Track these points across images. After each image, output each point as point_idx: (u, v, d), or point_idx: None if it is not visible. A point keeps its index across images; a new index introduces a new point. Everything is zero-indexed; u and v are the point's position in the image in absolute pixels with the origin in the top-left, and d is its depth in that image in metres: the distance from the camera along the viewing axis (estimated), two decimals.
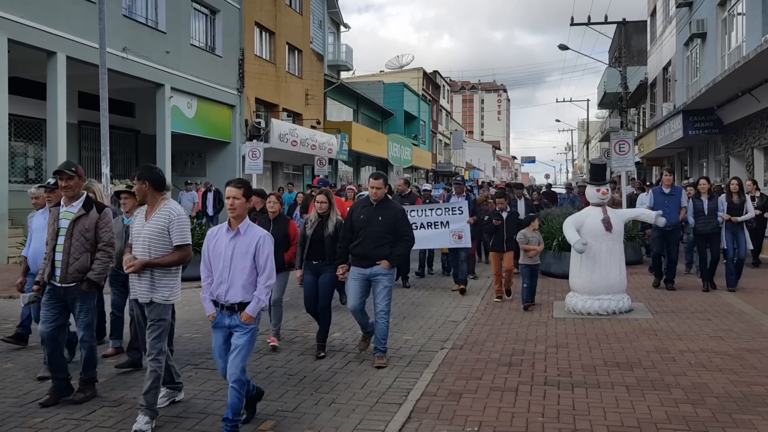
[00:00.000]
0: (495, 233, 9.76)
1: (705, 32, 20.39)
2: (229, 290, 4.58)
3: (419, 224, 10.49)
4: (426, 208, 10.96)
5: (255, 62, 24.56)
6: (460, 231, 10.61)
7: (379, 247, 6.34)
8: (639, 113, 36.85)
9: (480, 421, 4.83)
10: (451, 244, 10.73)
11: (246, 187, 4.67)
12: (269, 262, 4.60)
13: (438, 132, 57.00)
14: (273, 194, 7.57)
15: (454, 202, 11.19)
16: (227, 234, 4.67)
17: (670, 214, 10.00)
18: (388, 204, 6.58)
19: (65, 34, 15.24)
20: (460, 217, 10.66)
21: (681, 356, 6.52)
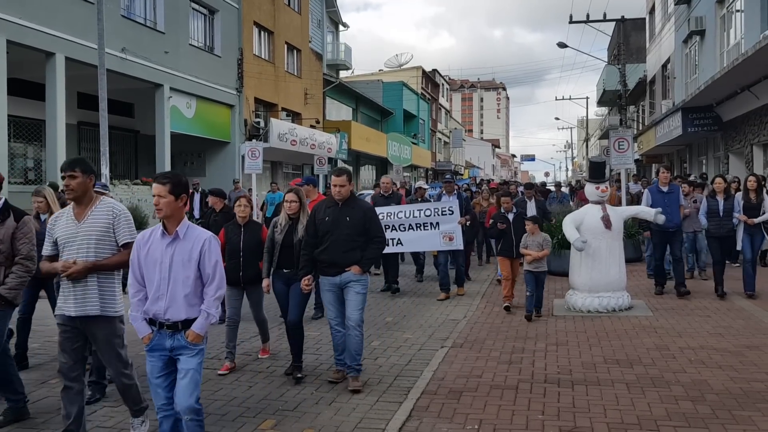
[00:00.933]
0: (503, 238, 9.07)
1: (704, 29, 20.39)
2: (169, 306, 3.83)
3: (407, 225, 9.91)
4: (414, 208, 10.17)
5: (254, 62, 24.56)
6: (451, 232, 9.87)
7: (348, 251, 5.62)
8: (638, 111, 36.85)
9: (480, 419, 4.84)
10: (442, 246, 10.02)
11: (174, 182, 3.84)
12: (218, 270, 3.89)
13: (437, 131, 56.99)
14: (243, 197, 6.64)
15: (444, 202, 10.33)
16: (163, 239, 3.87)
17: (671, 213, 9.37)
18: (356, 203, 5.87)
19: (64, 34, 15.25)
20: (450, 218, 9.91)
21: (681, 353, 6.53)
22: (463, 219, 10.04)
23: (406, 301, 9.93)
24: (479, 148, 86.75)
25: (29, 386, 5.44)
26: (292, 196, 6.14)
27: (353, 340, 5.66)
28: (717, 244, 9.43)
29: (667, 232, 9.53)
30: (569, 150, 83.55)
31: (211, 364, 6.42)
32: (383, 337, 7.60)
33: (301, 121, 28.34)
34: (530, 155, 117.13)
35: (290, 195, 6.18)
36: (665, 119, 23.05)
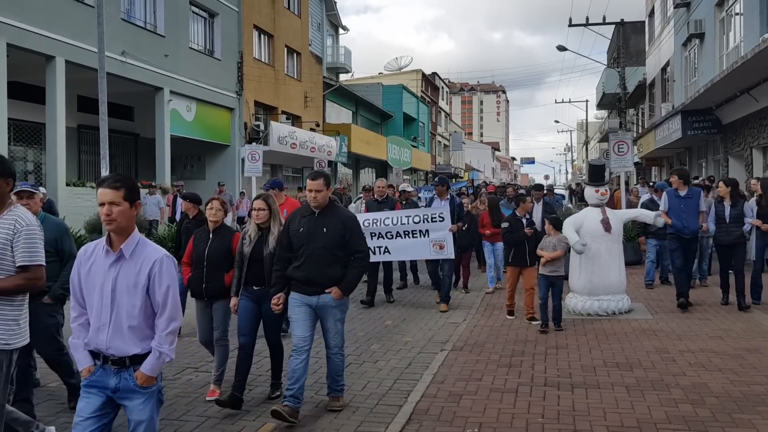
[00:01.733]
0: (516, 245, 8.35)
1: (703, 32, 20.41)
2: (112, 339, 3.12)
3: (395, 233, 9.26)
4: (402, 214, 9.47)
5: (254, 65, 24.59)
6: (442, 240, 9.13)
7: (326, 267, 4.94)
8: (638, 114, 36.88)
9: (480, 422, 4.83)
10: (432, 255, 9.34)
11: (129, 186, 3.15)
12: (170, 298, 3.16)
13: (437, 133, 57.03)
14: (215, 199, 5.79)
15: (434, 208, 9.61)
16: (106, 257, 3.16)
17: (687, 219, 8.78)
18: (335, 211, 5.12)
19: (64, 38, 15.27)
20: (441, 225, 9.16)
21: (680, 356, 6.52)
22: (455, 226, 9.29)
23: (406, 305, 9.93)
24: (479, 151, 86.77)
25: None
26: (260, 203, 5.37)
27: (335, 362, 5.16)
28: (724, 250, 8.93)
29: (682, 239, 8.86)
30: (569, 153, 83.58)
31: (210, 368, 6.41)
32: (383, 340, 7.59)
33: (301, 124, 28.36)
34: (530, 158, 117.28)
35: (258, 202, 5.41)
36: (665, 122, 23.08)
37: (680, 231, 8.79)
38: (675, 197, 8.98)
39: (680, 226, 8.80)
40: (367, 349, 7.14)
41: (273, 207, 5.42)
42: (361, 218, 9.08)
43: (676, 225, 8.83)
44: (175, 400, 5.45)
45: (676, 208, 8.87)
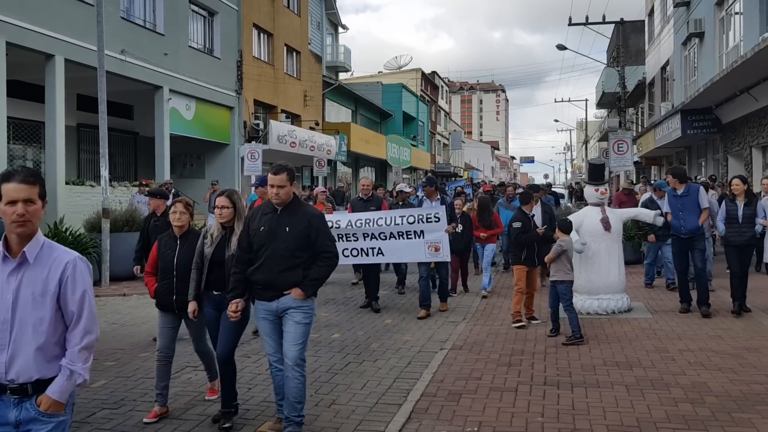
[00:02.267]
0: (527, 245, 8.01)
1: (703, 32, 20.41)
2: (13, 362, 2.64)
3: (388, 234, 8.82)
4: (396, 214, 9.03)
5: (253, 64, 24.57)
6: (437, 242, 8.73)
7: (288, 270, 4.47)
8: (637, 113, 36.89)
9: (480, 421, 4.84)
10: (427, 257, 8.87)
11: (41, 182, 2.76)
12: (87, 306, 2.73)
13: (437, 132, 57.02)
14: (180, 200, 5.33)
15: (430, 208, 9.35)
16: (4, 264, 2.69)
17: (685, 219, 8.47)
18: (299, 208, 4.61)
19: (63, 36, 15.25)
20: (437, 226, 8.71)
21: (680, 355, 6.53)
22: (451, 227, 9.02)
23: (405, 304, 9.93)
24: (478, 150, 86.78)
25: None
26: (224, 201, 4.94)
27: (291, 383, 4.48)
28: (735, 254, 8.30)
29: (682, 239, 8.56)
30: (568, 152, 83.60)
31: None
32: (382, 339, 7.60)
33: (300, 123, 28.34)
34: (529, 157, 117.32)
35: (221, 199, 4.97)
36: (664, 121, 23.08)
37: (677, 230, 8.60)
38: (673, 197, 8.78)
39: (677, 225, 8.60)
40: (366, 348, 7.15)
41: (238, 204, 4.99)
42: (352, 218, 9.10)
43: (673, 224, 8.69)
44: (174, 398, 5.44)
45: (674, 208, 8.68)
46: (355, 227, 8.89)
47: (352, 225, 8.91)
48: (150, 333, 7.93)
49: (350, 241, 8.91)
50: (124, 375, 6.16)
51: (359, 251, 8.97)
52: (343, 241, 8.71)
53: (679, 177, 8.80)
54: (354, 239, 8.92)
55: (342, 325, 8.40)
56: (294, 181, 4.63)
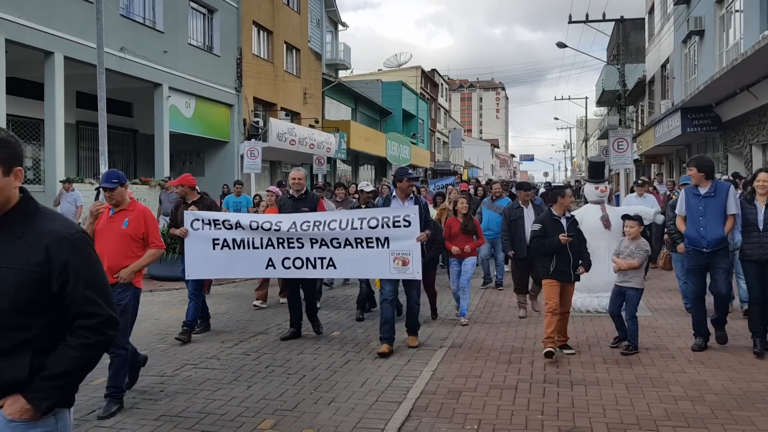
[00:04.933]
0: (557, 254, 6.51)
1: (703, 29, 20.39)
2: None
3: (343, 240, 6.93)
4: (355, 216, 7.04)
5: (253, 61, 24.54)
6: (406, 253, 6.72)
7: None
8: (637, 111, 36.88)
9: (479, 419, 4.83)
10: (392, 272, 6.80)
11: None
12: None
13: (436, 130, 56.98)
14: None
15: (398, 208, 6.94)
16: None
17: (708, 226, 6.51)
18: (30, 228, 2.27)
19: (63, 34, 15.22)
20: (406, 232, 6.73)
21: (680, 353, 6.53)
22: (424, 234, 6.82)
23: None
24: (478, 148, 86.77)
25: None
26: None
27: None
28: (755, 272, 6.46)
29: (701, 254, 6.62)
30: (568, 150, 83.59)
31: (210, 364, 6.42)
32: None
33: (300, 121, 28.32)
34: (529, 155, 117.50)
35: None
36: (664, 119, 23.06)
37: (695, 243, 6.62)
38: (693, 196, 6.75)
39: (695, 235, 6.62)
40: (366, 346, 7.14)
41: None
42: (297, 219, 7.04)
43: (690, 235, 6.69)
44: (175, 396, 5.44)
45: (694, 211, 6.69)
46: (300, 230, 6.98)
47: (297, 228, 6.99)
48: (150, 330, 7.93)
49: (293, 248, 7.06)
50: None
51: (304, 262, 7.04)
52: (284, 248, 7.07)
53: (706, 171, 6.72)
54: (298, 245, 7.03)
55: (342, 323, 8.39)
56: (17, 167, 2.31)
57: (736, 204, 6.58)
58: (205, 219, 7.28)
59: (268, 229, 7.08)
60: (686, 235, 6.80)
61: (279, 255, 7.11)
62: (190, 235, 7.21)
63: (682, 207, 6.93)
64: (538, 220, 6.81)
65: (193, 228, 7.21)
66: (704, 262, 6.64)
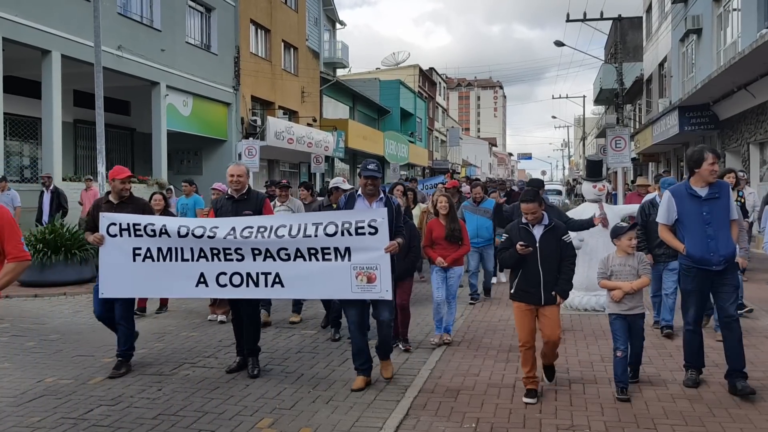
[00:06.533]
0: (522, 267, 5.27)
1: (700, 28, 20.43)
2: None
3: (293, 251, 5.62)
4: (309, 220, 5.70)
5: (250, 60, 24.52)
6: (372, 267, 5.44)
7: None
8: (635, 109, 36.93)
9: (478, 417, 4.84)
10: (354, 291, 5.51)
11: None
12: None
13: (434, 129, 57.00)
14: None
15: (362, 211, 5.66)
16: None
17: (718, 238, 5.15)
18: None
19: (60, 32, 15.20)
20: (372, 241, 5.44)
21: (677, 351, 6.52)
22: (394, 243, 5.49)
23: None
24: (476, 147, 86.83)
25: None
26: None
27: None
28: None
29: (706, 272, 5.24)
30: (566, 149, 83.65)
31: (207, 363, 6.42)
32: None
33: (297, 120, 28.31)
34: (527, 154, 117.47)
35: None
36: (662, 118, 23.09)
37: (703, 261, 5.19)
38: (690, 199, 5.27)
39: (702, 251, 5.17)
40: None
41: None
42: (238, 224, 5.74)
43: (694, 252, 5.22)
44: (173, 395, 5.43)
45: (695, 219, 5.23)
46: (240, 238, 5.65)
47: (236, 235, 5.66)
48: (148, 329, 7.92)
49: (230, 261, 5.71)
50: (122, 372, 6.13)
51: (244, 278, 5.72)
52: (219, 260, 5.73)
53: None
54: (237, 257, 5.70)
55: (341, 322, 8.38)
56: None
57: (735, 206, 5.51)
58: (123, 223, 5.91)
59: (200, 237, 5.68)
60: (690, 255, 5.23)
61: (213, 269, 5.75)
62: (106, 243, 5.93)
63: (671, 214, 5.38)
64: (507, 229, 5.51)
65: (110, 234, 5.90)
66: (709, 281, 5.30)
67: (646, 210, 7.30)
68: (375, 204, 5.73)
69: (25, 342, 7.34)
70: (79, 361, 6.41)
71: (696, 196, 5.25)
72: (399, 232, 5.71)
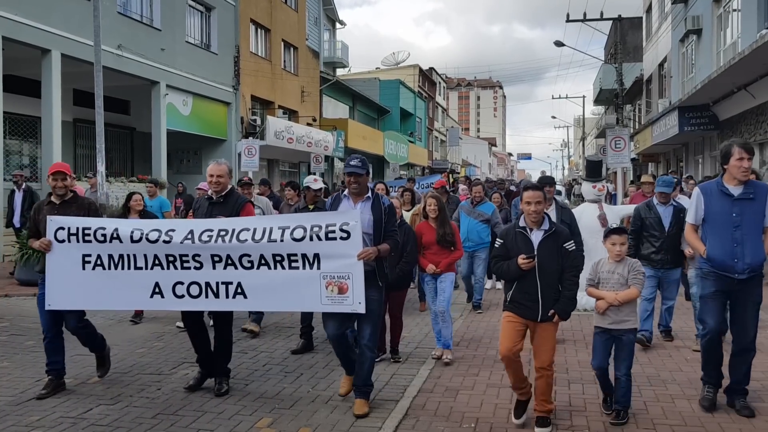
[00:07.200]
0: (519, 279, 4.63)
1: (700, 28, 20.42)
2: None
3: (257, 258, 5.07)
4: (275, 223, 5.11)
5: (250, 59, 24.52)
6: (343, 276, 4.87)
7: None
8: (635, 110, 36.93)
9: (477, 417, 4.84)
10: (324, 304, 4.96)
11: None
12: None
13: (434, 129, 57.00)
14: None
15: (335, 214, 5.09)
16: None
17: (744, 243, 4.64)
18: None
19: (60, 31, 15.19)
20: (343, 247, 4.88)
21: (677, 352, 6.54)
22: (370, 250, 4.86)
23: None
24: (476, 147, 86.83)
25: None
26: None
27: None
28: None
29: (729, 281, 4.74)
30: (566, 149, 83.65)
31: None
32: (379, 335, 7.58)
33: (297, 119, 28.31)
34: (527, 154, 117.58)
35: None
36: (662, 118, 23.08)
37: (725, 267, 4.71)
38: (721, 197, 4.78)
39: (725, 255, 4.70)
40: None
41: None
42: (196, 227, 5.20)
43: (716, 255, 4.75)
44: (172, 394, 5.44)
45: (724, 220, 4.74)
46: (198, 243, 5.12)
47: (194, 239, 5.12)
48: (147, 329, 7.92)
49: (188, 269, 5.18)
50: (121, 371, 6.14)
51: (202, 288, 5.18)
52: (176, 268, 5.20)
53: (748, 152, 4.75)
54: (195, 265, 5.17)
55: None
56: None
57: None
58: (72, 227, 5.35)
59: (154, 242, 5.16)
60: (710, 258, 4.75)
61: (169, 278, 5.21)
62: (54, 249, 5.37)
63: (698, 213, 4.90)
64: (501, 234, 4.88)
65: (58, 239, 5.36)
66: (730, 290, 4.78)
67: (642, 213, 6.96)
68: (360, 204, 5.09)
69: (24, 341, 7.34)
70: (78, 360, 6.41)
71: (727, 194, 4.73)
72: (390, 236, 5.07)
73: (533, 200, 4.53)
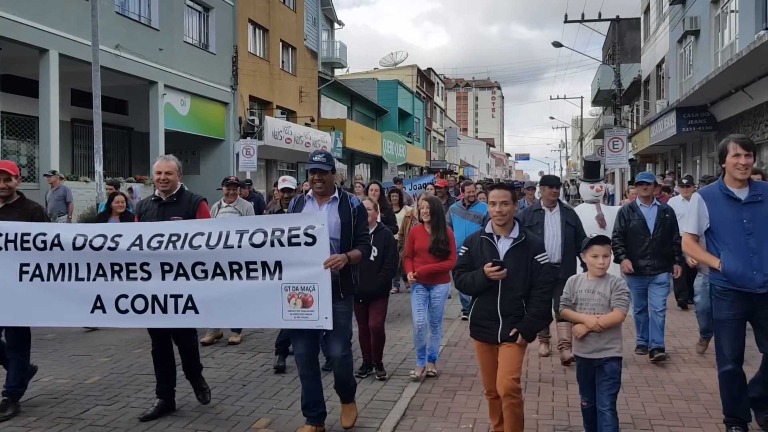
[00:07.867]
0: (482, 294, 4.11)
1: (698, 29, 20.45)
2: None
3: (211, 267, 4.49)
4: (232, 227, 4.53)
5: (249, 59, 24.51)
6: (307, 287, 4.33)
7: None
8: (633, 110, 36.97)
9: (475, 418, 4.83)
10: (286, 320, 4.41)
11: None
12: None
13: (432, 129, 57.01)
14: None
15: (298, 216, 4.50)
16: None
17: (762, 254, 4.11)
18: None
19: (58, 31, 15.17)
20: (308, 253, 4.32)
21: (675, 353, 6.54)
22: (339, 258, 4.31)
23: (401, 300, 9.91)
24: (474, 147, 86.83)
25: None
26: None
27: None
28: None
29: (749, 296, 4.17)
30: (564, 149, 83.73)
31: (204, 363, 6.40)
32: None
33: (295, 119, 28.29)
34: (525, 154, 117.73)
35: None
36: (659, 119, 23.11)
37: (741, 281, 4.15)
38: (727, 201, 4.25)
39: (741, 267, 4.14)
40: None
41: None
42: (144, 231, 4.61)
43: (731, 269, 4.18)
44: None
45: (734, 227, 4.21)
46: (147, 249, 4.54)
47: (142, 245, 4.55)
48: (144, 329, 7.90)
49: (134, 280, 4.61)
50: (118, 371, 6.14)
51: (149, 302, 4.58)
52: (120, 279, 4.62)
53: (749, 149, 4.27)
54: (143, 275, 4.60)
55: None
56: None
57: None
58: (11, 233, 4.73)
59: (98, 248, 4.57)
60: (725, 271, 4.17)
61: (112, 290, 4.60)
62: None
63: (702, 221, 4.33)
64: (466, 241, 4.34)
65: None
66: (749, 309, 4.21)
67: (625, 215, 6.64)
68: (326, 206, 4.49)
69: None
70: (75, 360, 6.40)
71: (734, 198, 4.18)
72: (361, 241, 4.52)
73: (498, 200, 4.05)
